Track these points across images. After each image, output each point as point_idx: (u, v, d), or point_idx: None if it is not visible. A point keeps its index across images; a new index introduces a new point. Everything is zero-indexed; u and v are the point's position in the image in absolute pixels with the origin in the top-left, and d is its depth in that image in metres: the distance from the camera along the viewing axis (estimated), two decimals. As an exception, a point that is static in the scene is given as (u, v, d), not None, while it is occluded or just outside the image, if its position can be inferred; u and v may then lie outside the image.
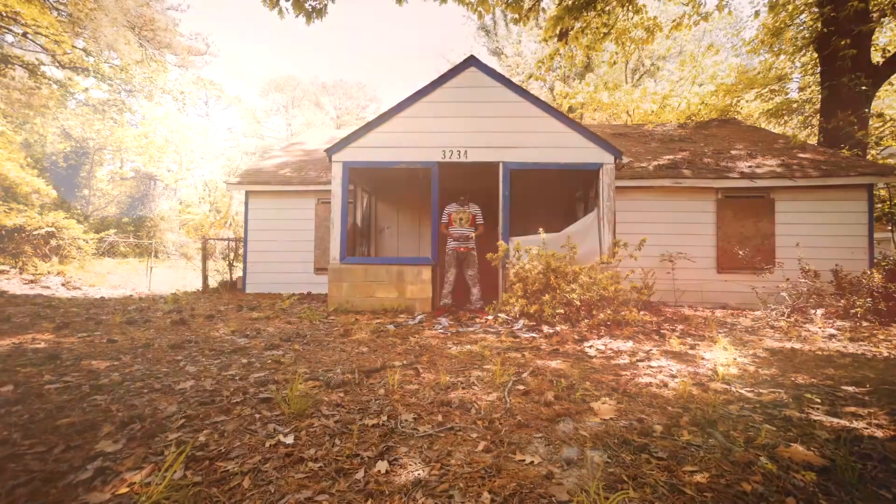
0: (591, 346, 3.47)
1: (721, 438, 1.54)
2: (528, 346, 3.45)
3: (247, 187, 7.94)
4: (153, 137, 25.15)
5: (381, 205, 8.18)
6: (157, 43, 14.56)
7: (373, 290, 5.60)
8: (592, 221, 5.62)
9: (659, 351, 3.28)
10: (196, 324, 4.13)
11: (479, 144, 5.68)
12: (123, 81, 17.55)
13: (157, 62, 18.05)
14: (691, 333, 4.13)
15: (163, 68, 18.61)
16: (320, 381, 2.35)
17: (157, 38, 14.58)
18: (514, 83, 5.72)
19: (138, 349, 2.91)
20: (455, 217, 5.48)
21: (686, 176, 7.43)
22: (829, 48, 7.81)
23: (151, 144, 24.99)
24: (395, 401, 2.05)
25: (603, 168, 5.58)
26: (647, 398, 2.11)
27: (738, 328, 4.70)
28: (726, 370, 2.66)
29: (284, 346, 3.27)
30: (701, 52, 18.76)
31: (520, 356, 3.09)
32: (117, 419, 1.61)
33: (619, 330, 4.15)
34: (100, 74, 16.56)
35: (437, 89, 5.75)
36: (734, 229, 7.33)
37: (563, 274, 4.38)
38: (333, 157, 5.78)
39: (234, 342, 3.37)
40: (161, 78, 19.02)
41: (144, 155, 25.14)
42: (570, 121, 5.64)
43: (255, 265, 7.96)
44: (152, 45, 14.43)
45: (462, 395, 2.14)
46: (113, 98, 18.16)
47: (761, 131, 10.11)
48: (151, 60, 15.41)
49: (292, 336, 3.69)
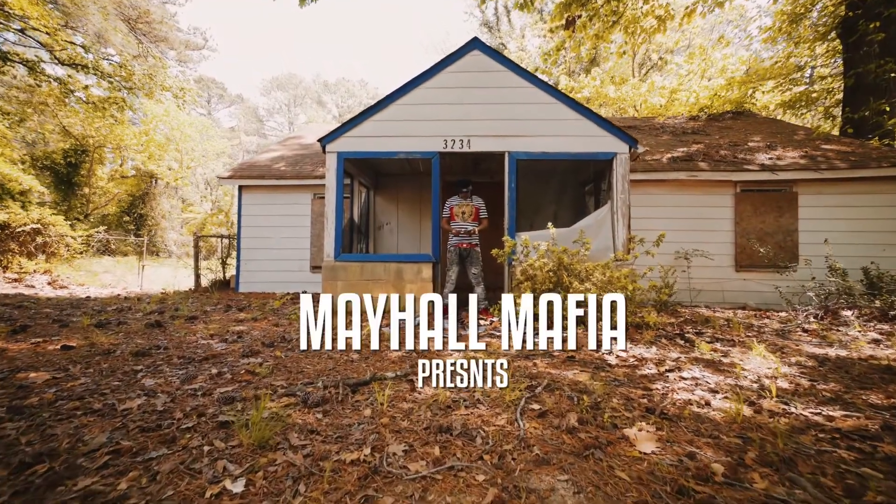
0: (609, 351, 3.08)
1: (812, 489, 1.15)
2: (539, 352, 3.07)
3: (239, 181, 7.59)
4: (153, 135, 24.92)
5: (380, 200, 7.81)
6: (152, 37, 14.24)
7: (369, 290, 5.23)
8: (605, 216, 5.22)
9: (688, 359, 2.88)
10: (174, 326, 3.78)
11: (483, 133, 5.29)
12: (123, 79, 17.26)
13: (155, 58, 17.75)
14: (718, 337, 3.73)
15: (162, 64, 18.30)
16: (297, 398, 1.98)
17: (153, 32, 14.26)
18: (521, 67, 5.32)
19: (95, 357, 2.56)
20: (457, 211, 5.09)
21: (702, 168, 7.01)
22: (856, 33, 7.35)
23: (151, 142, 24.75)
24: (382, 425, 1.68)
25: (617, 158, 5.17)
26: (692, 421, 1.73)
27: (767, 331, 4.29)
28: (773, 383, 2.27)
29: (265, 353, 2.91)
30: (711, 45, 18.28)
31: (531, 365, 2.71)
32: (17, 459, 1.24)
33: (637, 334, 3.76)
34: (99, 72, 16.28)
35: (438, 74, 5.37)
36: (753, 225, 6.90)
37: (576, 272, 3.99)
38: (327, 148, 5.40)
39: (210, 347, 3.01)
40: (161, 74, 18.73)
41: (145, 153, 24.91)
42: (581, 107, 5.24)
43: (248, 263, 7.61)
44: (148, 39, 14.12)
45: (465, 418, 1.76)
46: (113, 96, 17.88)
47: (779, 123, 9.64)
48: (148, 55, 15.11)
49: (277, 340, 3.33)
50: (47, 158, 21.71)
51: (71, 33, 13.72)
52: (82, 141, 22.27)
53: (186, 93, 20.59)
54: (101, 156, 23.40)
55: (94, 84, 17.59)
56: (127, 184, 25.71)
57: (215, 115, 48.12)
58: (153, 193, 27.19)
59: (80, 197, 23.01)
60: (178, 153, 28.05)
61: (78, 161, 22.08)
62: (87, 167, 22.89)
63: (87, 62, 16.23)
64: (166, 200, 29.69)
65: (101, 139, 22.71)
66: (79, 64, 16.20)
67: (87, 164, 22.72)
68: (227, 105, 49.93)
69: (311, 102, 48.36)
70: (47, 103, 18.97)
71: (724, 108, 10.71)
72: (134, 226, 25.15)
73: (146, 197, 26.63)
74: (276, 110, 48.94)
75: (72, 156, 21.83)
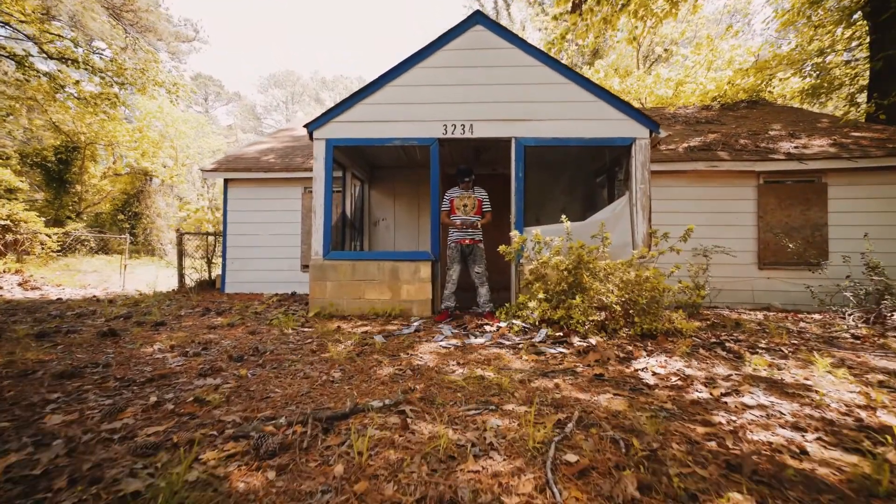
0: (643, 367, 2.57)
1: None
2: (558, 367, 2.56)
3: (224, 174, 7.07)
4: (147, 132, 24.38)
5: (375, 194, 7.28)
6: (139, 27, 13.68)
7: (362, 291, 4.72)
8: (623, 208, 4.70)
9: (742, 377, 2.37)
10: (132, 335, 3.27)
11: (487, 117, 4.77)
12: (115, 74, 16.71)
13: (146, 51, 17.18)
14: (762, 346, 3.22)
15: (154, 58, 17.73)
16: (248, 442, 1.48)
17: (140, 22, 13.70)
18: (530, 44, 4.79)
19: (4, 382, 2.05)
20: (458, 203, 4.57)
21: (723, 158, 6.49)
22: (887, 12, 6.81)
23: (145, 139, 24.22)
24: (357, 495, 1.17)
25: (636, 144, 4.65)
26: (799, 487, 1.22)
27: (809, 337, 3.78)
28: (871, 416, 1.76)
29: (229, 370, 2.40)
30: (719, 35, 17.71)
31: (552, 386, 2.20)
32: None
33: (668, 342, 3.25)
34: (90, 66, 15.75)
35: (437, 52, 4.84)
36: (778, 219, 6.38)
37: (596, 271, 3.48)
38: (315, 135, 4.88)
39: (164, 363, 2.50)
40: (153, 69, 18.15)
41: (138, 150, 24.38)
42: (597, 88, 4.71)
43: (234, 262, 7.10)
44: (135, 29, 13.56)
45: (475, 477, 1.25)
46: (106, 91, 17.33)
47: (798, 111, 9.10)
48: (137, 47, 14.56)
49: (247, 353, 2.82)
50: (38, 155, 21.21)
51: (44, 17, 13.14)
52: (73, 137, 21.75)
53: (180, 88, 20.03)
54: (93, 153, 22.87)
55: (86, 80, 17.09)
56: (121, 182, 25.18)
57: (213, 112, 47.56)
58: (148, 191, 26.67)
59: (73, 195, 22.49)
60: (173, 150, 27.54)
61: (69, 158, 21.54)
62: (79, 164, 22.36)
63: (76, 56, 15.72)
64: (162, 199, 29.21)
65: (93, 136, 22.19)
66: (69, 58, 15.70)
67: (78, 161, 22.20)
68: (224, 103, 49.37)
69: (308, 100, 47.80)
70: (36, 98, 18.43)
71: (737, 96, 10.17)
72: (129, 224, 24.69)
73: (141, 195, 26.11)
74: (273, 108, 48.46)
75: (63, 153, 21.31)
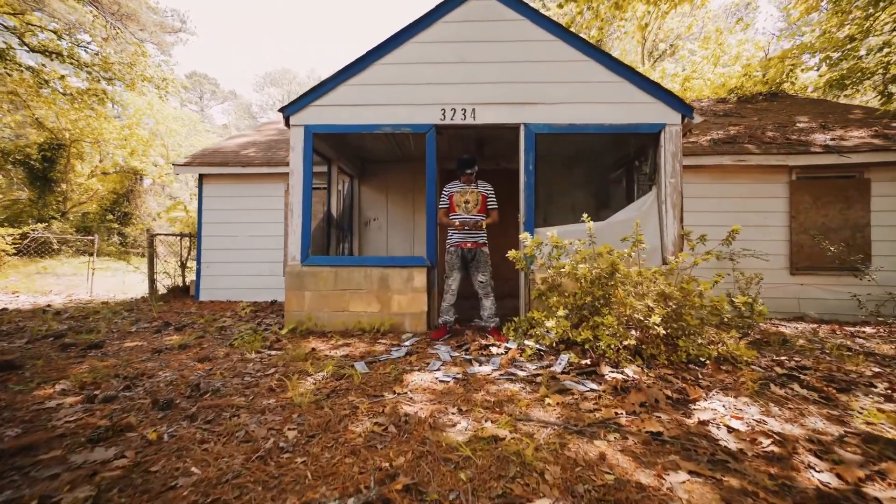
0: (711, 417, 1.89)
1: None
2: (595, 417, 1.88)
3: (199, 169, 6.37)
4: (136, 130, 23.59)
5: (365, 191, 6.60)
6: (119, 14, 12.96)
7: (346, 302, 4.03)
8: (651, 205, 4.02)
9: (858, 438, 1.70)
10: (36, 368, 2.57)
11: (492, 100, 4.09)
12: (101, 68, 15.99)
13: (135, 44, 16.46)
14: (840, 378, 2.55)
15: (142, 51, 17.01)
16: None
17: (120, 11, 12.99)
18: (543, 15, 4.11)
19: None
20: (458, 200, 3.88)
21: (751, 152, 5.83)
22: (930, -9, 6.17)
23: (134, 137, 23.44)
24: None
25: (665, 131, 3.98)
26: None
27: (882, 358, 3.12)
28: None
29: (138, 430, 1.71)
30: (728, 28, 17.10)
31: (595, 456, 1.53)
32: None
33: (722, 373, 2.58)
34: (75, 60, 15.03)
35: (434, 25, 4.16)
36: (813, 219, 5.73)
37: (632, 282, 2.80)
38: (292, 120, 4.19)
39: (49, 418, 1.82)
40: (141, 64, 17.42)
41: (126, 148, 23.61)
42: (622, 66, 4.04)
43: (210, 266, 6.40)
44: (115, 17, 12.85)
45: None
46: (93, 87, 16.60)
47: (824, 102, 8.47)
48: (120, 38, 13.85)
49: (182, 394, 2.14)
50: (20, 152, 20.44)
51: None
52: (58, 134, 20.99)
53: (169, 84, 19.28)
54: (79, 150, 22.10)
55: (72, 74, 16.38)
56: (110, 181, 24.40)
57: (208, 111, 46.78)
58: (138, 191, 25.89)
59: (58, 194, 21.72)
60: (163, 149, 26.76)
61: (54, 156, 20.77)
62: (65, 162, 21.60)
63: (61, 49, 15.00)
64: (153, 198, 28.45)
65: (79, 133, 21.42)
66: (53, 52, 14.99)
67: (63, 159, 21.44)
68: (219, 101, 48.62)
69: (305, 98, 46.99)
70: (17, 93, 17.67)
71: (755, 89, 9.54)
72: (118, 224, 23.94)
73: (131, 195, 25.33)
74: (269, 106, 47.77)
75: (48, 150, 20.54)
